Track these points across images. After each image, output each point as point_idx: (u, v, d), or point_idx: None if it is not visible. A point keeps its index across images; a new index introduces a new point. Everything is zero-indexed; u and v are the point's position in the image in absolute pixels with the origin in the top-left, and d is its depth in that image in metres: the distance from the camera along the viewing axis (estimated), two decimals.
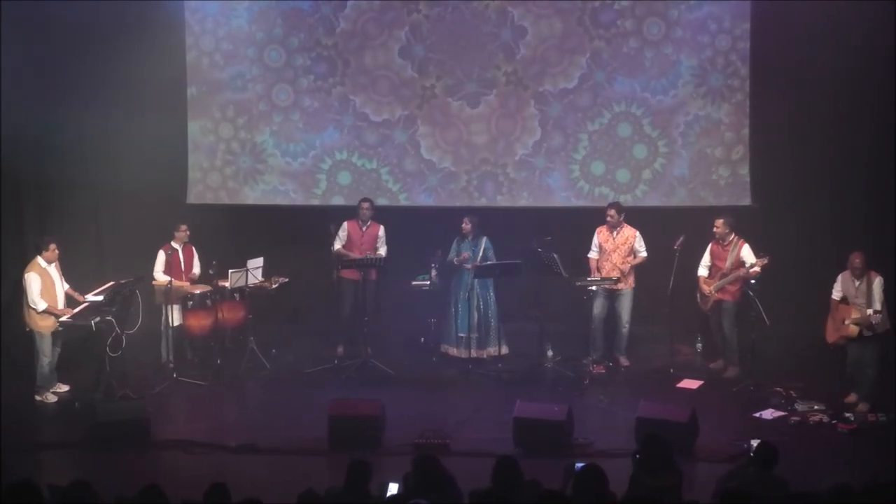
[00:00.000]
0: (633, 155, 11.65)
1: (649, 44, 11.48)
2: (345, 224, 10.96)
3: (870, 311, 9.04)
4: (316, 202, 11.97)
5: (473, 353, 10.71)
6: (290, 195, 12.01)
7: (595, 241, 10.64)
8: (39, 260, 9.77)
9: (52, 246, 9.79)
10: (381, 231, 10.97)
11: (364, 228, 10.93)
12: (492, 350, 10.76)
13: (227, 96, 11.92)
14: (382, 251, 10.88)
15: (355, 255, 10.77)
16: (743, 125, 11.51)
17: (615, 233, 10.53)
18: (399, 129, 11.85)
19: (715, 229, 10.16)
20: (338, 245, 10.90)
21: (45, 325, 9.73)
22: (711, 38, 11.41)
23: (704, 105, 11.52)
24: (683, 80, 11.50)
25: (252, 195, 12.02)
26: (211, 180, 12.05)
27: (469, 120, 11.78)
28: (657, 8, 11.44)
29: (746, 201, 11.51)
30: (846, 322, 9.16)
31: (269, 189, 12.01)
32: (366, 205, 10.95)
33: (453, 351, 10.81)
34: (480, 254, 10.69)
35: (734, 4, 11.36)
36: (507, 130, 11.78)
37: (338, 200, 11.95)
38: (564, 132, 11.72)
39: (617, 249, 10.49)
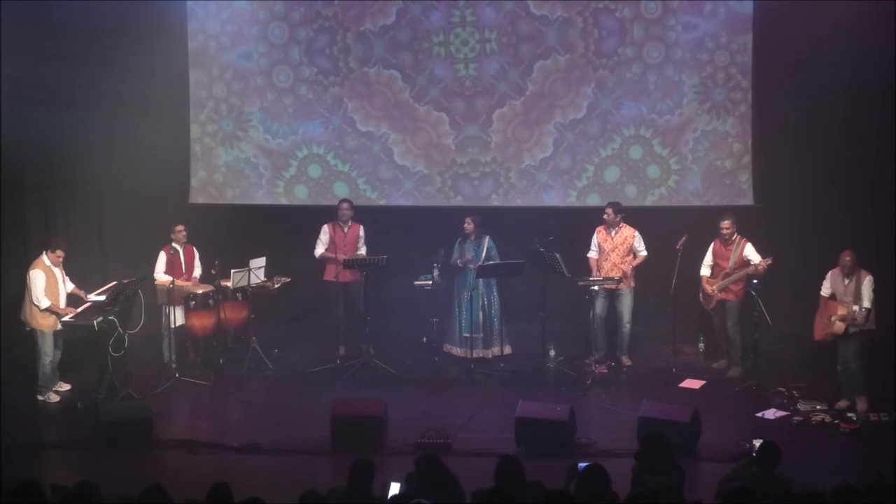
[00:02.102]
0: (647, 175, 11.71)
1: (651, 67, 11.56)
2: (325, 227, 10.90)
3: (855, 308, 9.03)
4: (280, 184, 12.08)
5: (479, 353, 10.69)
6: (260, 169, 12.13)
7: (594, 240, 10.64)
8: (45, 258, 9.76)
9: (59, 251, 9.77)
10: (361, 231, 10.95)
11: (346, 229, 10.88)
12: (496, 350, 10.75)
13: (230, 60, 11.99)
14: (363, 251, 10.87)
15: (341, 256, 10.72)
16: (749, 135, 11.54)
17: (613, 232, 10.52)
18: (378, 144, 11.95)
19: (723, 231, 10.15)
20: (320, 249, 10.85)
21: (46, 324, 9.73)
22: (710, 56, 11.49)
23: (710, 120, 11.57)
24: (687, 98, 11.57)
25: (224, 157, 12.14)
26: (191, 132, 12.10)
27: (437, 123, 11.84)
28: (655, 32, 11.51)
29: (749, 201, 11.52)
30: (833, 319, 9.15)
31: (242, 157, 12.12)
32: (345, 205, 10.92)
33: (457, 351, 10.81)
34: (483, 253, 10.68)
35: (730, 20, 11.41)
36: (522, 137, 11.83)
37: (301, 190, 12.08)
38: (574, 158, 11.79)
39: (616, 249, 10.49)
